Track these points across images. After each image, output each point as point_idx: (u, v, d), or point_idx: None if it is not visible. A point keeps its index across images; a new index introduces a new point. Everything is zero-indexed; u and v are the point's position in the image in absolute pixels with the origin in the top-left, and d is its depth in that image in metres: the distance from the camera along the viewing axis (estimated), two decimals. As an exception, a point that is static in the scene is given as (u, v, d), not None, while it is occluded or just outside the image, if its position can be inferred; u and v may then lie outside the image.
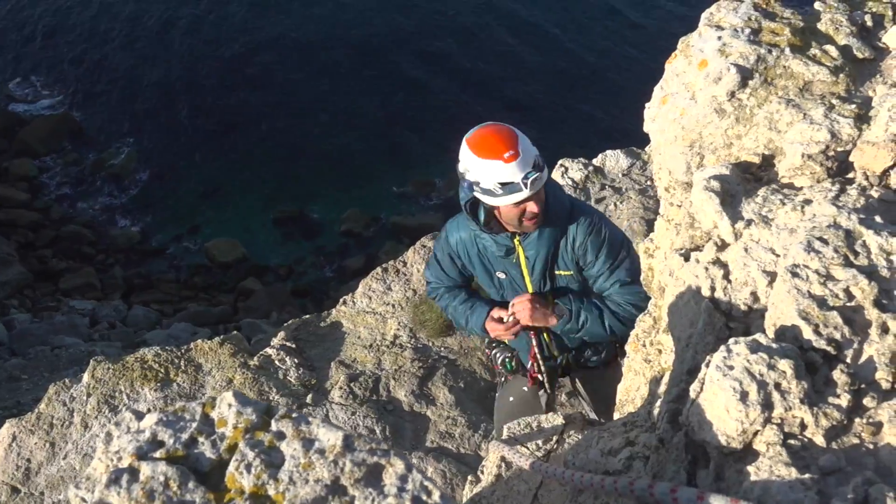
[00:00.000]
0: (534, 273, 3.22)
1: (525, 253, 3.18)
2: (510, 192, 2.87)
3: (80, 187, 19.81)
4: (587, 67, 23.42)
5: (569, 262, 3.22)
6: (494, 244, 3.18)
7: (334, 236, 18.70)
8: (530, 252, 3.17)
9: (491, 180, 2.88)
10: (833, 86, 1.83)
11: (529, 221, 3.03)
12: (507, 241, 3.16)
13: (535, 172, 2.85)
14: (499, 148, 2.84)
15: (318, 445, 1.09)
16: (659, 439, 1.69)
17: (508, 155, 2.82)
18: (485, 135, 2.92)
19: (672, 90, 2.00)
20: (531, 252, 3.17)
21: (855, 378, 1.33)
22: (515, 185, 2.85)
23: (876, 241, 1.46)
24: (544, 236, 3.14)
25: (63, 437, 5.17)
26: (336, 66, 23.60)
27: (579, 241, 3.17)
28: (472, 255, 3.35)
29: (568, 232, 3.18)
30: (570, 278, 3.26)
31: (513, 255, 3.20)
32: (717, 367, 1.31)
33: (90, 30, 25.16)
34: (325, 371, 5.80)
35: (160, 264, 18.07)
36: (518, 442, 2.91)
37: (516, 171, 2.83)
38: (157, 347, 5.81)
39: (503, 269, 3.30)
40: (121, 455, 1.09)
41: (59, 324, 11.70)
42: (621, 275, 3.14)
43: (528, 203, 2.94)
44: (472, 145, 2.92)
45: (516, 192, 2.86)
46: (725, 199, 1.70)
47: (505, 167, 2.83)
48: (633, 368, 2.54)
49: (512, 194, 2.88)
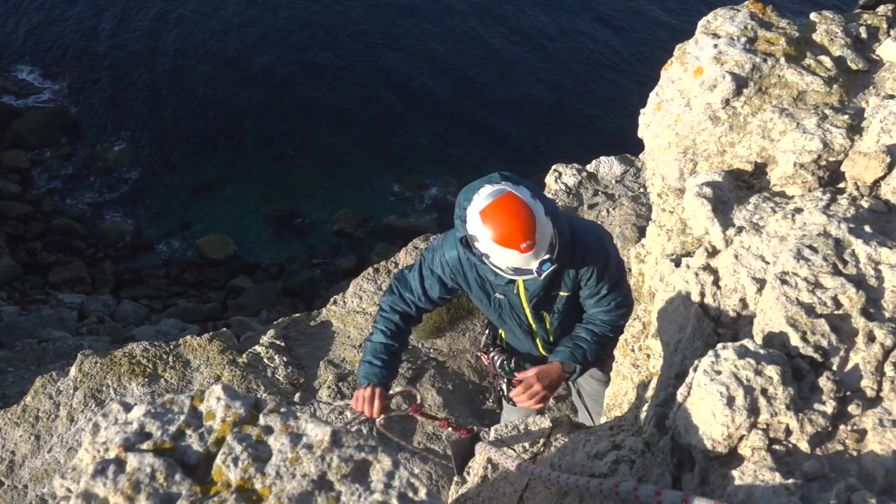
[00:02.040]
0: (532, 300, 3.14)
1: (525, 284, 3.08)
2: (521, 274, 2.80)
3: (72, 181, 19.72)
4: (582, 73, 23.47)
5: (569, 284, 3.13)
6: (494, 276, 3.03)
7: (326, 236, 18.67)
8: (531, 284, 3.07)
9: (503, 264, 2.77)
10: (827, 96, 1.85)
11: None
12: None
13: (550, 263, 2.73)
14: (516, 237, 2.67)
15: (306, 440, 1.09)
16: (645, 443, 1.70)
17: (525, 245, 2.66)
18: (501, 216, 2.71)
19: (667, 96, 2.01)
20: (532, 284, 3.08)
21: (840, 385, 1.34)
22: (527, 270, 2.76)
23: (865, 251, 1.47)
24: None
25: (48, 431, 5.15)
26: (331, 66, 23.58)
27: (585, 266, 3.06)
28: (469, 276, 3.18)
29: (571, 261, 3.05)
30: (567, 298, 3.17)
31: (513, 284, 3.10)
32: (704, 371, 1.32)
33: (86, 23, 25.06)
34: (313, 370, 5.79)
35: (150, 259, 18.00)
36: (505, 444, 2.92)
37: (531, 260, 2.71)
38: (145, 343, 5.79)
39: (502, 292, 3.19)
40: (108, 446, 1.09)
41: (47, 317, 11.64)
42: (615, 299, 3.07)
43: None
44: (487, 223, 2.72)
45: (527, 274, 2.78)
46: (717, 205, 1.71)
47: (520, 256, 2.69)
48: (622, 373, 2.55)
49: (522, 276, 2.82)
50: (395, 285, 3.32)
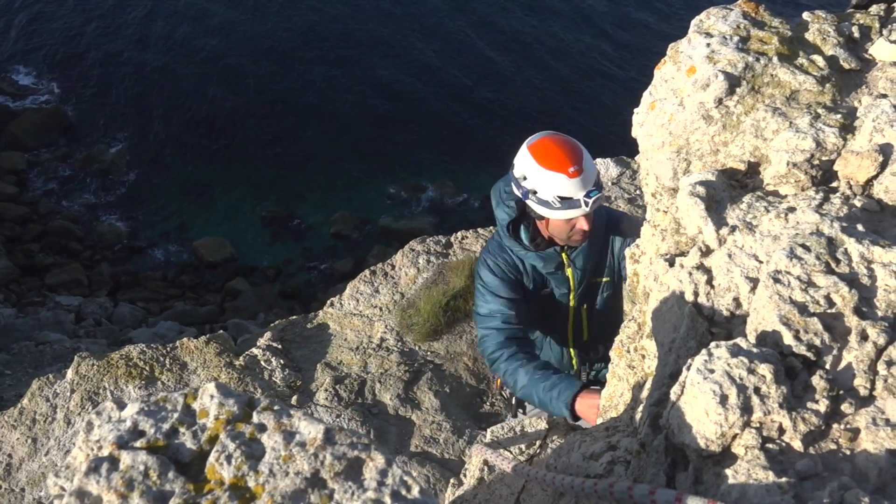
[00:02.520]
0: (580, 286, 3.18)
1: (574, 266, 3.13)
2: (568, 207, 2.81)
3: (68, 182, 19.71)
4: (576, 76, 23.51)
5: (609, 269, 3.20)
6: (542, 261, 3.09)
7: (323, 238, 18.67)
8: (578, 264, 3.13)
9: (550, 192, 2.80)
10: (819, 95, 1.85)
11: (578, 237, 2.99)
12: (556, 256, 3.09)
13: (597, 191, 2.79)
14: (564, 161, 2.75)
15: (299, 438, 1.09)
16: (640, 444, 1.70)
17: (573, 170, 2.73)
18: (550, 145, 2.82)
19: (660, 96, 2.01)
20: (579, 264, 3.13)
21: (833, 384, 1.34)
22: (575, 201, 2.78)
23: (857, 250, 1.47)
24: (593, 247, 3.11)
25: (45, 433, 5.14)
26: (327, 69, 23.60)
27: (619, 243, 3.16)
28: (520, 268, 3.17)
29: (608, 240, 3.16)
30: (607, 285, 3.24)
31: (561, 269, 3.14)
32: (697, 370, 1.32)
33: (83, 24, 25.06)
34: (310, 373, 5.79)
35: (147, 262, 17.99)
36: (501, 445, 2.92)
37: (579, 188, 2.76)
38: (142, 345, 5.79)
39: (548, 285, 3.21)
40: (101, 444, 1.09)
41: (45, 319, 11.63)
42: None
43: (580, 219, 2.88)
44: (535, 153, 2.82)
45: (575, 208, 2.80)
46: (711, 205, 1.71)
47: (568, 182, 2.75)
48: (617, 374, 2.55)
49: (569, 210, 2.82)
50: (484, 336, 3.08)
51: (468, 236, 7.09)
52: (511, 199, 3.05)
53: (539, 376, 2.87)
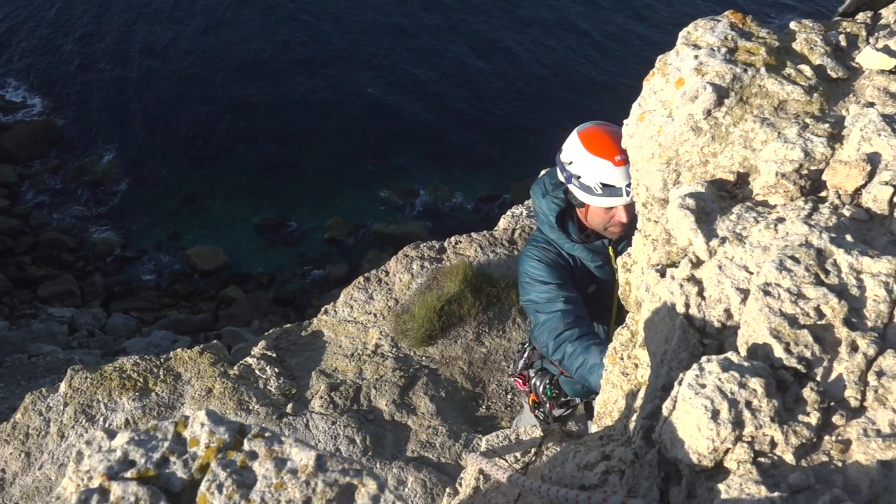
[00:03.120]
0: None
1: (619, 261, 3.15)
2: (610, 194, 2.85)
3: (60, 194, 19.66)
4: (569, 82, 23.56)
5: None
6: (590, 254, 3.11)
7: (317, 244, 18.66)
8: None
9: (594, 178, 2.85)
10: (807, 105, 1.86)
11: (615, 229, 3.01)
12: (603, 249, 3.12)
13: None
14: (611, 149, 2.80)
15: (291, 465, 1.09)
16: (634, 453, 1.70)
17: (619, 158, 2.78)
18: (600, 133, 2.88)
19: (650, 107, 2.02)
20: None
21: (824, 396, 1.34)
22: (617, 189, 2.83)
23: (846, 260, 1.48)
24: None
25: (39, 448, 5.12)
26: (319, 76, 23.60)
27: None
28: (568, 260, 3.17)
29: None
30: None
31: (607, 264, 3.15)
32: (689, 385, 1.32)
33: (72, 37, 25.01)
34: (305, 380, 5.78)
35: (141, 271, 17.95)
36: (496, 454, 2.92)
37: (623, 176, 2.80)
38: (135, 356, 5.77)
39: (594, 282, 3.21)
40: (91, 475, 1.09)
41: (37, 331, 11.58)
42: None
43: (620, 210, 2.92)
44: (584, 139, 2.89)
45: (616, 196, 2.85)
46: (701, 216, 1.72)
47: (613, 169, 2.81)
48: (611, 381, 2.55)
49: (610, 197, 2.86)
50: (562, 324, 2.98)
51: (462, 241, 7.09)
52: (559, 189, 3.08)
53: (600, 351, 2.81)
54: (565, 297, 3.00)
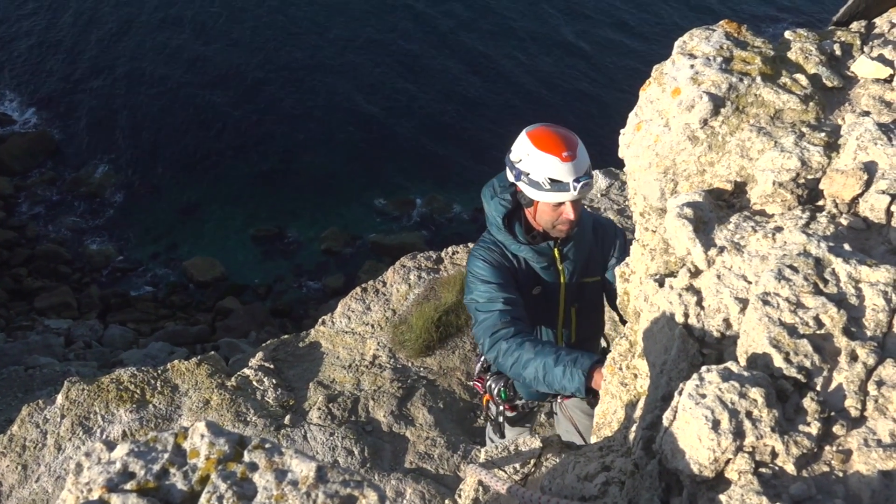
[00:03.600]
0: (570, 283, 3.25)
1: (564, 262, 3.21)
2: (557, 190, 2.90)
3: (56, 205, 19.63)
4: (564, 91, 23.63)
5: (596, 266, 3.32)
6: (536, 255, 3.16)
7: (314, 255, 18.64)
8: (568, 262, 3.21)
9: (543, 174, 2.90)
10: (803, 114, 1.87)
11: (563, 226, 3.06)
12: (549, 251, 3.17)
13: (587, 178, 2.90)
14: (559, 146, 2.87)
15: (291, 477, 1.09)
16: (634, 464, 1.70)
17: (566, 154, 2.85)
18: (547, 131, 2.95)
19: (646, 117, 2.02)
20: (570, 262, 3.21)
21: (825, 406, 1.34)
22: (565, 184, 2.88)
23: (845, 270, 1.48)
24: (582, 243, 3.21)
25: (36, 460, 5.10)
26: (315, 86, 23.64)
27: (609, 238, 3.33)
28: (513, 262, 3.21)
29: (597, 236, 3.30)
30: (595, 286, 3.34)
31: (553, 266, 3.21)
32: (689, 395, 1.32)
33: (68, 49, 25.03)
34: (303, 392, 5.76)
35: (137, 283, 17.91)
36: (495, 465, 2.91)
37: (569, 172, 2.86)
38: (132, 368, 5.75)
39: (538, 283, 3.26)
40: (91, 487, 1.08)
41: (34, 343, 11.53)
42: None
43: (567, 207, 2.97)
44: (532, 138, 2.94)
45: (563, 191, 2.89)
46: (698, 225, 1.72)
47: (560, 165, 2.86)
48: (610, 391, 2.55)
49: (558, 193, 2.90)
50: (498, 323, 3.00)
51: (459, 251, 7.09)
52: (507, 192, 3.13)
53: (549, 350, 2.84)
54: (505, 297, 3.03)
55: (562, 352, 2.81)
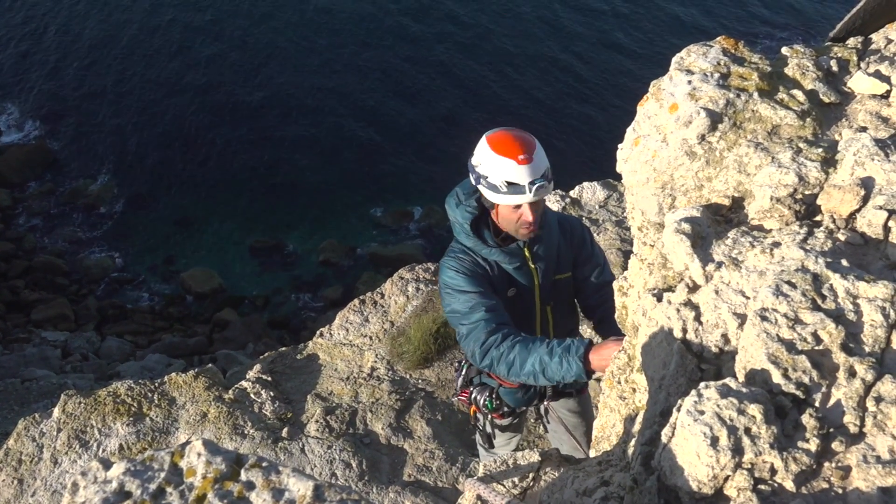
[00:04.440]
0: (544, 282, 3.28)
1: (535, 262, 3.24)
2: (514, 192, 2.93)
3: (54, 217, 19.62)
4: (563, 102, 23.71)
5: (566, 263, 3.35)
6: (507, 256, 3.18)
7: (312, 266, 18.63)
8: (540, 261, 3.24)
9: (499, 177, 2.94)
10: (800, 129, 1.87)
11: (524, 229, 3.09)
12: (519, 251, 3.20)
13: (543, 181, 2.93)
14: (515, 149, 2.92)
15: (288, 496, 1.08)
16: (633, 479, 1.69)
17: (522, 157, 2.90)
18: (505, 135, 3.00)
19: (644, 132, 2.03)
20: (540, 260, 3.24)
21: (823, 422, 1.34)
22: (521, 187, 2.91)
23: (842, 285, 1.48)
24: (551, 241, 3.24)
25: (32, 474, 5.07)
26: (312, 97, 23.69)
27: (577, 234, 3.38)
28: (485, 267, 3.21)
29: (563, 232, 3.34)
30: (566, 282, 3.38)
31: (525, 266, 3.24)
32: (687, 411, 1.32)
33: (66, 59, 25.08)
34: (301, 404, 5.75)
35: (135, 295, 17.89)
36: (494, 479, 2.90)
37: (525, 175, 2.90)
38: (130, 381, 5.74)
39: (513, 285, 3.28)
40: (87, 507, 1.08)
41: (30, 356, 11.51)
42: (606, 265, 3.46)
43: (525, 209, 3.00)
44: (490, 141, 3.00)
45: (520, 193, 2.93)
46: (696, 241, 1.72)
47: (516, 168, 2.90)
48: (609, 405, 2.54)
49: (515, 195, 2.94)
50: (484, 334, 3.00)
51: (456, 264, 7.08)
52: (471, 198, 3.19)
53: (539, 345, 2.86)
54: (486, 305, 3.04)
55: (553, 343, 2.84)
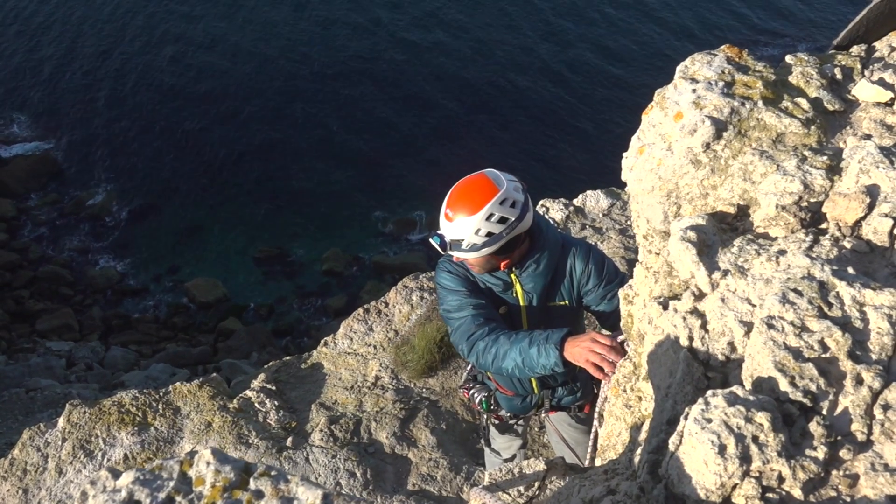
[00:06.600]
0: (531, 306, 3.24)
1: (523, 287, 3.21)
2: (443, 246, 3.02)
3: (58, 227, 19.67)
4: (568, 110, 23.73)
5: (566, 293, 3.27)
6: (493, 279, 3.19)
7: (315, 276, 18.64)
8: (528, 286, 3.21)
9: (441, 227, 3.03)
10: (805, 137, 1.88)
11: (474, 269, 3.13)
12: (504, 276, 3.19)
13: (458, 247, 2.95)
14: (451, 202, 2.97)
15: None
16: (640, 488, 1.69)
17: (448, 213, 2.95)
18: (459, 183, 3.02)
19: (649, 141, 2.03)
20: (529, 286, 3.20)
21: (831, 430, 1.34)
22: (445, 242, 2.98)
23: (849, 293, 1.48)
24: (541, 269, 3.18)
25: (37, 484, 5.07)
26: (316, 107, 23.75)
27: (580, 268, 3.22)
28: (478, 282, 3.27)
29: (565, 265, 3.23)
30: (565, 309, 3.30)
31: (511, 289, 3.22)
32: (695, 419, 1.32)
33: (70, 70, 25.19)
34: (305, 413, 5.74)
35: (139, 304, 17.91)
36: (499, 488, 2.89)
37: (447, 230, 2.96)
38: (134, 391, 5.74)
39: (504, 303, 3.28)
40: (96, 516, 1.08)
41: (35, 365, 11.51)
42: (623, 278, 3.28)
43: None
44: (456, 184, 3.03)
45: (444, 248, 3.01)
46: (702, 249, 1.72)
47: (443, 220, 2.98)
48: (615, 413, 2.54)
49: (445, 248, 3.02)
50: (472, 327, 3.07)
51: (461, 272, 7.08)
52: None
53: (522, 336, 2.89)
54: (474, 303, 3.10)
55: (534, 333, 2.87)
